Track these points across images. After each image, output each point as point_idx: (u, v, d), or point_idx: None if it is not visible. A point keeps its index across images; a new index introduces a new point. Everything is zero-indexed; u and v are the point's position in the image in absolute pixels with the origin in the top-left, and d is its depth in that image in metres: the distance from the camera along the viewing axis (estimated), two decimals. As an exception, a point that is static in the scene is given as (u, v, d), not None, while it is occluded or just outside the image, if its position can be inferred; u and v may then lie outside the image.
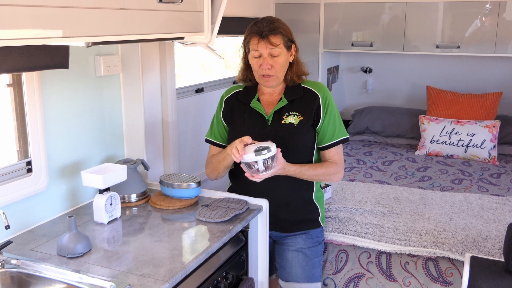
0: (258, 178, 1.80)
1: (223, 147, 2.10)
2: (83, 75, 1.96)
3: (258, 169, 1.75)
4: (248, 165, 1.77)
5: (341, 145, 2.03)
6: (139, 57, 2.13)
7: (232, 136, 1.99)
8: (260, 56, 1.90)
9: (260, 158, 1.73)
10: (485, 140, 3.48)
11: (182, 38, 1.85)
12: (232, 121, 2.05)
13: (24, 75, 1.67)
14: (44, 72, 1.72)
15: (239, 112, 2.03)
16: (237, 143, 1.78)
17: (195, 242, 1.70)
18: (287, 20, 2.10)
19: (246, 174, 1.80)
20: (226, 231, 1.73)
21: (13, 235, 1.68)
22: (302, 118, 1.95)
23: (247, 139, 1.78)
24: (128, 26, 1.46)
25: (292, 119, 1.95)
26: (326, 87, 2.05)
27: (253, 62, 1.93)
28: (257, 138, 1.85)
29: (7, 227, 1.50)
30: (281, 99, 1.99)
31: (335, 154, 2.03)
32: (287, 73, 1.98)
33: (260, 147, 1.73)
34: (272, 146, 1.75)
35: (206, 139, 2.14)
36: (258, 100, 2.01)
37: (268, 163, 1.75)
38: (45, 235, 1.70)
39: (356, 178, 3.09)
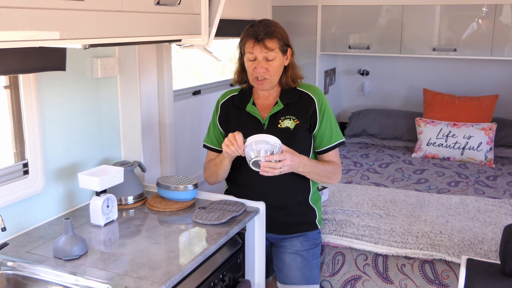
0: (272, 170, 1.78)
1: (221, 152, 2.11)
2: (80, 77, 1.96)
3: (261, 155, 1.75)
4: (254, 161, 1.77)
5: (338, 148, 2.04)
6: (136, 59, 2.13)
7: None
8: (255, 59, 1.90)
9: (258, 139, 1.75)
10: (481, 142, 3.49)
11: (179, 40, 1.85)
12: (228, 125, 2.05)
13: (21, 77, 1.66)
14: (41, 74, 1.72)
15: (235, 116, 2.03)
16: (234, 135, 1.81)
17: (191, 244, 1.70)
18: (284, 22, 2.10)
19: (261, 172, 1.79)
20: (223, 233, 1.73)
21: (9, 237, 1.68)
22: (298, 122, 1.96)
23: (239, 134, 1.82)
24: (125, 29, 1.46)
25: (288, 123, 1.95)
26: (321, 90, 2.05)
27: (247, 64, 1.93)
28: None
29: (3, 229, 1.49)
30: (276, 103, 1.99)
31: (334, 156, 2.04)
32: (282, 76, 1.98)
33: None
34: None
35: (203, 144, 2.15)
36: (254, 104, 2.01)
37: (273, 146, 1.76)
38: (41, 237, 1.70)
39: (352, 181, 3.10)
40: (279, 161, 1.77)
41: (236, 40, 2.02)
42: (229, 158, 1.93)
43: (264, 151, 1.76)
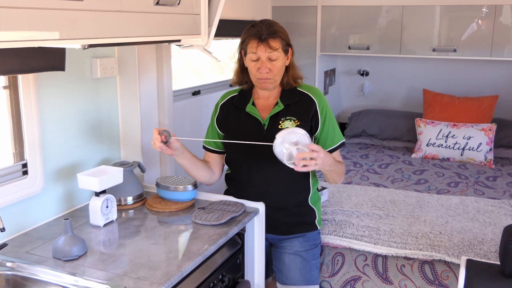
0: (308, 162, 1.69)
1: (218, 153, 2.11)
2: (79, 77, 1.96)
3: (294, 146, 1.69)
4: (288, 155, 1.70)
5: (339, 149, 2.04)
6: (135, 60, 2.13)
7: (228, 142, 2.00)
8: (258, 60, 1.90)
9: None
10: (481, 143, 3.49)
11: (179, 40, 1.85)
12: (227, 126, 2.04)
13: (20, 77, 1.66)
14: (40, 74, 1.72)
15: (235, 117, 2.03)
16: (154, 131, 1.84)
17: (191, 244, 1.70)
18: (284, 23, 2.10)
19: (296, 169, 1.70)
20: (222, 234, 1.73)
21: (8, 237, 1.68)
22: (298, 123, 1.95)
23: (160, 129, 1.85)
24: (124, 29, 1.46)
25: (288, 124, 1.95)
26: (321, 92, 2.05)
27: (250, 65, 1.93)
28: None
29: (3, 229, 1.49)
30: (277, 103, 1.98)
31: (337, 157, 2.04)
32: (283, 76, 1.98)
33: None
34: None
35: (203, 145, 2.15)
36: (254, 104, 2.01)
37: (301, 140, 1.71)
38: (40, 238, 1.70)
39: (352, 181, 3.09)
40: (311, 159, 1.71)
41: (236, 41, 2.02)
42: (177, 157, 1.95)
43: (294, 144, 1.70)
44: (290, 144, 1.70)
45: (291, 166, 1.71)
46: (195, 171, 2.03)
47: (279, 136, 1.71)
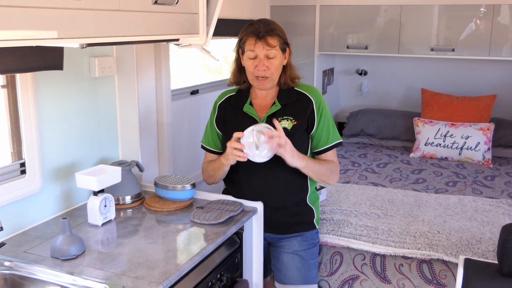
0: (278, 140, 1.79)
1: (218, 153, 2.10)
2: (77, 76, 1.95)
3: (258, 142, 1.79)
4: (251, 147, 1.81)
5: (335, 149, 2.04)
6: (134, 59, 2.12)
7: (225, 141, 1.99)
8: (255, 57, 1.89)
9: (254, 128, 1.81)
10: (479, 142, 3.49)
11: (177, 40, 1.85)
12: (225, 126, 2.04)
13: (18, 76, 1.66)
14: (38, 73, 1.71)
15: (232, 117, 2.03)
16: (232, 143, 1.81)
17: (189, 244, 1.70)
18: (282, 22, 2.10)
19: (268, 153, 1.82)
20: (220, 233, 1.73)
21: (6, 237, 1.68)
22: (295, 122, 1.95)
23: (238, 134, 1.82)
24: (123, 28, 1.46)
25: (285, 123, 1.95)
26: (319, 91, 2.05)
27: (248, 63, 1.93)
28: None
29: (1, 228, 1.49)
30: (274, 103, 1.98)
31: (332, 157, 2.04)
32: (281, 76, 1.98)
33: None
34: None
35: (201, 145, 2.14)
36: (251, 104, 2.01)
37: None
38: (38, 237, 1.69)
39: (351, 180, 3.10)
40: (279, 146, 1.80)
41: (235, 40, 2.02)
42: (231, 162, 1.93)
43: (257, 135, 1.80)
44: (256, 134, 1.80)
45: (264, 158, 1.82)
46: (226, 174, 2.03)
47: (245, 132, 1.81)
